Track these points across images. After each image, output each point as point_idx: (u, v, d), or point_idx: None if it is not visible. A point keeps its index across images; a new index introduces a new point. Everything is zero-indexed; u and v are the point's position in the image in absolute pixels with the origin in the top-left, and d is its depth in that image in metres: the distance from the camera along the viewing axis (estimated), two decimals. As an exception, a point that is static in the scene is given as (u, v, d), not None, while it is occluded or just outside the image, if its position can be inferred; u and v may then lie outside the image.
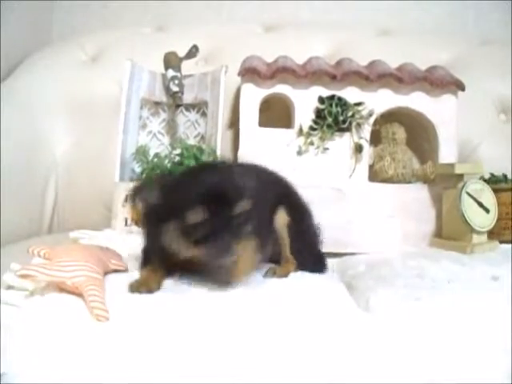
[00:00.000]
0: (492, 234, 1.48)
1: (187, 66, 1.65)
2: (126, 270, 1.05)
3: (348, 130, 1.50)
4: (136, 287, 0.92)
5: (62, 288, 0.86)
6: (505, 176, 1.58)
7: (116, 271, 1.02)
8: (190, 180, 0.96)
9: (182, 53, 1.64)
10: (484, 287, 1.04)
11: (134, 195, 1.00)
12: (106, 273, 0.97)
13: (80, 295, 0.84)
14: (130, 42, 1.87)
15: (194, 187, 0.92)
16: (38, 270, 0.85)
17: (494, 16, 1.98)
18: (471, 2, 1.99)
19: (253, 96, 1.50)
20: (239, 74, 1.49)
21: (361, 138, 1.50)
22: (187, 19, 1.94)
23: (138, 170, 1.54)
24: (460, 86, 1.54)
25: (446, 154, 1.54)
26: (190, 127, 1.66)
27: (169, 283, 0.97)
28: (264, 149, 1.48)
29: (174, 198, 0.92)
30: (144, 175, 1.52)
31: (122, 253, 1.13)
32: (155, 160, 1.49)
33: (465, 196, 1.40)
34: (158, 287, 0.95)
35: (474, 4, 1.99)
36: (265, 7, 1.95)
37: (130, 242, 1.32)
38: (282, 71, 1.48)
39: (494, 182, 1.55)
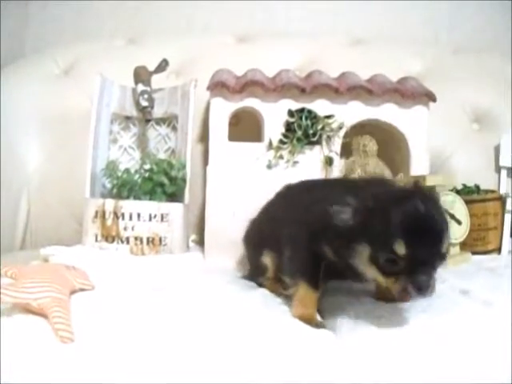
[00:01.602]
0: (464, 246, 1.48)
1: (159, 80, 1.65)
2: (92, 289, 1.05)
3: (318, 142, 1.49)
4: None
5: (28, 309, 0.86)
6: (477, 187, 1.57)
7: (83, 290, 1.03)
8: (393, 207, 0.88)
9: (153, 66, 1.63)
10: (452, 302, 1.03)
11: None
12: (72, 292, 0.98)
13: (46, 316, 0.84)
14: (103, 55, 1.85)
15: (400, 216, 0.85)
16: (3, 292, 0.85)
17: (467, 25, 1.97)
18: (445, 11, 1.98)
19: (222, 110, 1.49)
20: (208, 89, 1.48)
21: (331, 150, 1.50)
22: (160, 31, 1.92)
23: (108, 185, 1.54)
24: (431, 98, 1.53)
25: (418, 165, 1.53)
26: (160, 141, 1.65)
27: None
28: (234, 163, 1.47)
29: (375, 222, 0.87)
30: (114, 191, 1.52)
31: (90, 270, 1.13)
32: (125, 176, 1.49)
33: (436, 208, 1.40)
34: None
35: (448, 12, 1.97)
36: (238, 18, 1.93)
37: (100, 258, 1.35)
38: (250, 85, 1.48)
39: (466, 192, 1.55)
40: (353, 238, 0.89)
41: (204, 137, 1.66)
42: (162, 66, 1.61)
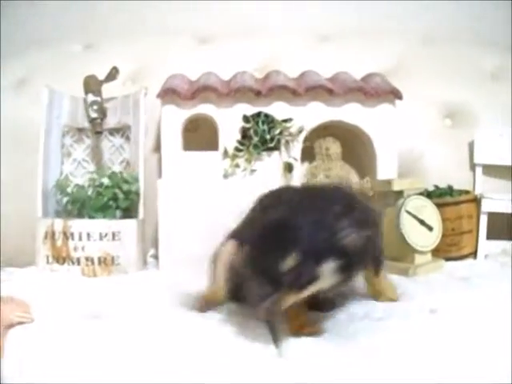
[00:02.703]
0: (437, 252, 1.40)
1: (115, 88, 1.57)
2: (31, 321, 0.99)
3: (276, 148, 1.42)
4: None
5: None
6: (450, 188, 1.49)
7: (21, 323, 0.97)
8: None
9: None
10: (418, 324, 0.94)
11: None
12: (8, 326, 0.94)
13: None
14: (57, 63, 1.77)
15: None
16: None
17: (437, 14, 1.87)
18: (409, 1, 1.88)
19: (174, 118, 1.43)
20: (158, 96, 1.41)
21: (290, 156, 1.42)
22: (116, 34, 1.84)
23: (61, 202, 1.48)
24: (397, 95, 1.45)
25: (386, 167, 1.46)
26: (115, 153, 1.58)
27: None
28: (188, 174, 1.40)
29: None
30: (68, 207, 1.46)
31: (37, 298, 1.08)
32: (75, 192, 1.42)
33: (404, 215, 1.32)
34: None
35: (416, 2, 1.87)
36: (197, 19, 1.85)
37: (49, 282, 1.29)
38: (202, 90, 1.41)
39: (438, 195, 1.46)
40: None
41: (159, 147, 1.59)
42: (113, 74, 1.53)
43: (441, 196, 1.46)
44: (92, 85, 1.51)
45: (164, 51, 1.77)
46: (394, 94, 1.45)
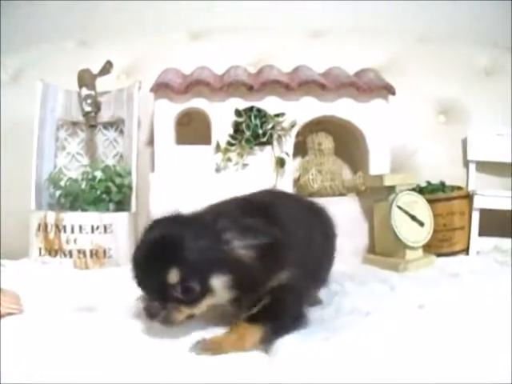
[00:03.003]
0: (429, 248, 1.40)
1: (109, 82, 1.57)
2: (20, 313, 0.99)
3: (269, 143, 1.42)
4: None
5: None
6: (442, 184, 1.48)
7: (10, 314, 0.97)
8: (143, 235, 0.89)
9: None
10: (406, 319, 0.92)
11: None
12: None
13: None
14: (52, 58, 1.78)
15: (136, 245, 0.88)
16: None
17: (432, 12, 1.86)
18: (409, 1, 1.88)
19: (167, 112, 1.42)
20: (151, 90, 1.41)
21: (282, 151, 1.42)
22: (111, 30, 1.84)
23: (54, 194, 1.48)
24: (390, 90, 1.45)
25: (378, 163, 1.45)
26: (108, 146, 1.58)
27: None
28: (181, 168, 1.40)
29: None
30: (61, 200, 1.46)
31: (28, 290, 1.08)
32: (67, 185, 1.42)
33: (395, 210, 1.32)
34: None
35: (413, 2, 1.87)
36: (191, 15, 1.85)
37: (41, 274, 1.29)
38: (195, 84, 1.40)
39: (430, 190, 1.46)
40: None
41: (152, 141, 1.58)
42: (107, 68, 1.53)
43: (433, 192, 1.46)
44: (86, 79, 1.51)
45: (158, 46, 1.77)
46: (387, 90, 1.44)
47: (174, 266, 0.79)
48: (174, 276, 0.79)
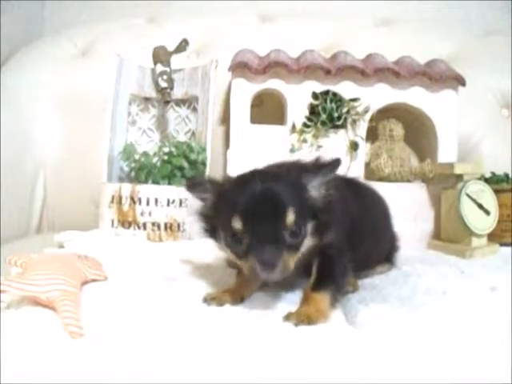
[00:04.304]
0: (492, 237, 1.42)
1: (179, 60, 1.60)
2: (105, 280, 1.00)
3: (343, 126, 1.45)
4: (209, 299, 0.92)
5: (37, 301, 0.82)
6: (506, 175, 1.51)
7: (95, 280, 0.98)
8: (234, 187, 0.89)
9: (173, 44, 1.58)
10: (481, 300, 0.96)
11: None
12: (84, 283, 0.94)
13: (55, 309, 0.80)
14: (121, 35, 1.81)
15: (237, 195, 0.86)
16: (12, 284, 0.81)
17: (497, 4, 1.89)
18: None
19: (244, 92, 1.45)
20: (229, 69, 1.44)
21: (356, 135, 1.45)
22: (180, 9, 1.87)
23: (126, 168, 1.50)
24: (461, 81, 1.47)
25: (446, 151, 1.48)
26: (180, 123, 1.61)
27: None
28: (256, 146, 1.43)
29: (222, 205, 0.88)
30: (132, 174, 1.48)
31: (106, 258, 1.09)
32: (142, 159, 1.45)
33: (464, 198, 1.35)
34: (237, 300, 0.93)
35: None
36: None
37: (116, 244, 1.31)
38: (274, 66, 1.43)
39: (495, 181, 1.49)
40: (215, 223, 0.91)
41: (225, 119, 1.62)
42: (182, 46, 1.56)
43: (498, 183, 1.48)
44: (161, 55, 1.54)
45: (228, 27, 1.80)
46: (458, 81, 1.47)
47: (291, 207, 0.82)
48: (291, 217, 0.82)
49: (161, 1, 1.91)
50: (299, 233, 0.84)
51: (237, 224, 0.82)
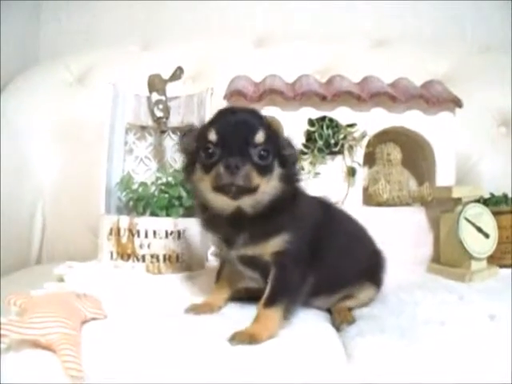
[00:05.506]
0: (492, 259, 1.41)
1: (175, 86, 1.59)
2: (104, 318, 1.00)
3: (340, 152, 1.44)
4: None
5: (37, 344, 0.82)
6: (505, 196, 1.51)
7: (95, 319, 0.97)
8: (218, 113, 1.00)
9: (168, 71, 1.57)
10: (479, 329, 0.96)
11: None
12: (83, 322, 0.93)
13: (55, 352, 0.80)
14: (117, 61, 1.81)
15: (214, 117, 0.99)
16: (11, 328, 0.81)
17: (494, 20, 1.88)
18: (470, 7, 1.89)
19: (239, 120, 1.44)
20: (225, 98, 1.44)
21: (353, 161, 1.45)
22: (175, 35, 1.86)
23: (124, 198, 1.50)
24: (458, 103, 1.47)
25: (444, 174, 1.47)
26: (177, 151, 1.59)
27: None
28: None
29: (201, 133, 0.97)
30: (131, 204, 1.48)
31: (105, 292, 1.10)
32: (140, 190, 1.44)
33: (463, 222, 1.34)
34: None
35: (473, 9, 1.88)
36: (256, 21, 1.87)
37: (115, 279, 1.29)
38: (269, 93, 1.43)
39: (493, 202, 1.48)
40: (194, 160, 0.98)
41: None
42: (177, 74, 1.55)
43: (496, 204, 1.48)
44: (157, 84, 1.53)
45: (223, 52, 1.80)
46: (455, 103, 1.46)
47: (261, 128, 0.93)
48: (260, 136, 0.92)
49: (155, 27, 1.90)
50: (266, 157, 0.93)
51: (211, 136, 0.92)
